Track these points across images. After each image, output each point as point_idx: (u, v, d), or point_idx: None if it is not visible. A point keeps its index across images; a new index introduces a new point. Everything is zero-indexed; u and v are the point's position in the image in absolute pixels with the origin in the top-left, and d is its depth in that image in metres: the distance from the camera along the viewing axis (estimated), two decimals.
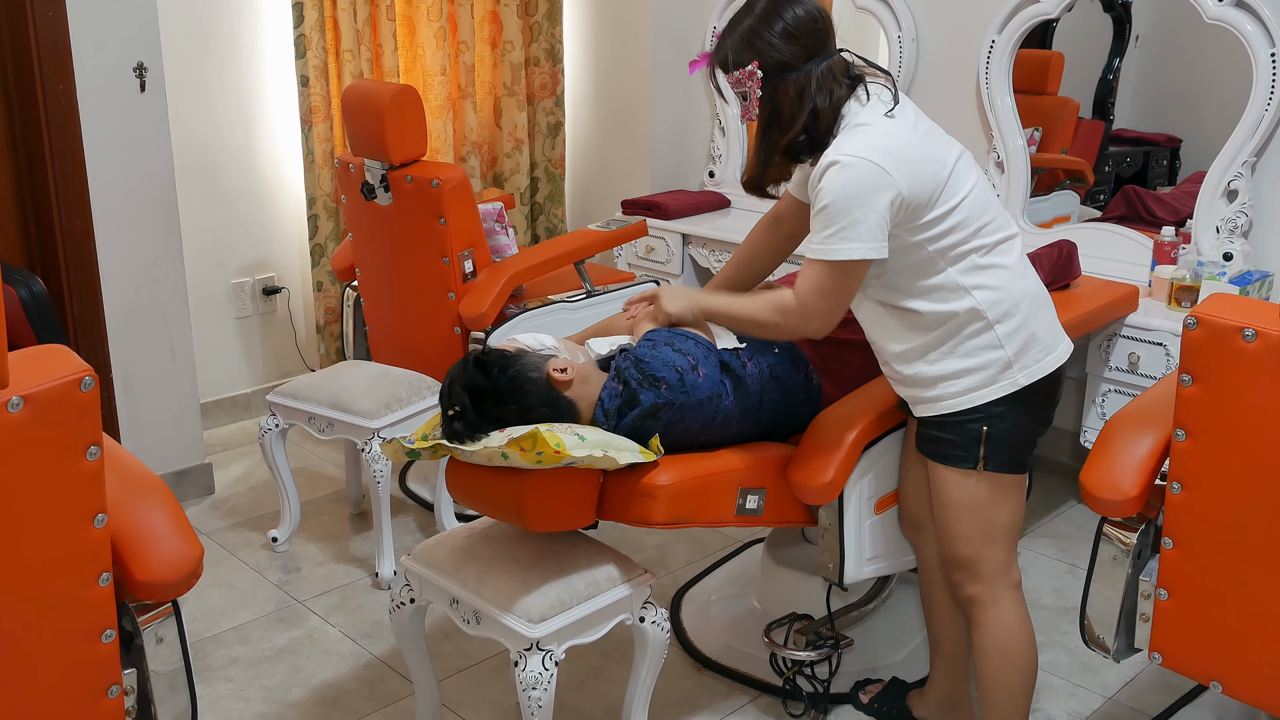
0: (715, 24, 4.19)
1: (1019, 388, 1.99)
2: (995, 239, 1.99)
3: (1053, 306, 2.08)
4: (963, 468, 2.03)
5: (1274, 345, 1.65)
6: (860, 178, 1.86)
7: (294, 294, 4.13)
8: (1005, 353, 1.98)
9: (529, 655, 1.99)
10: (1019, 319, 1.98)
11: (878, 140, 1.89)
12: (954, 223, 1.94)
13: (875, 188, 1.85)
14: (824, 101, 1.92)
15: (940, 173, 1.93)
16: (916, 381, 2.05)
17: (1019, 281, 2.01)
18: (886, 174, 1.86)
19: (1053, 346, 2.03)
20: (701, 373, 2.08)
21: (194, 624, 2.76)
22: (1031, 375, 1.99)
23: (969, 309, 1.97)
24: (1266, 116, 2.99)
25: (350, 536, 3.23)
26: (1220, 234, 3.10)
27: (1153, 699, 2.51)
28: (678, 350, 2.08)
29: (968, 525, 2.06)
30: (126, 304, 3.21)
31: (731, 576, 2.97)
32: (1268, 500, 1.73)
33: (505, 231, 3.39)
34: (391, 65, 4.03)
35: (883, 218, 1.87)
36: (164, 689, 1.64)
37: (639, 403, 2.05)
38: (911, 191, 1.88)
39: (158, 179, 3.21)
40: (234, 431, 3.97)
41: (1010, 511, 2.07)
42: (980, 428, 2.00)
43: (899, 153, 1.89)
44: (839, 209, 1.87)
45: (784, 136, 1.96)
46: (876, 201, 1.86)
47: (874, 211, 1.86)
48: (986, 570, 2.07)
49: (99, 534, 1.49)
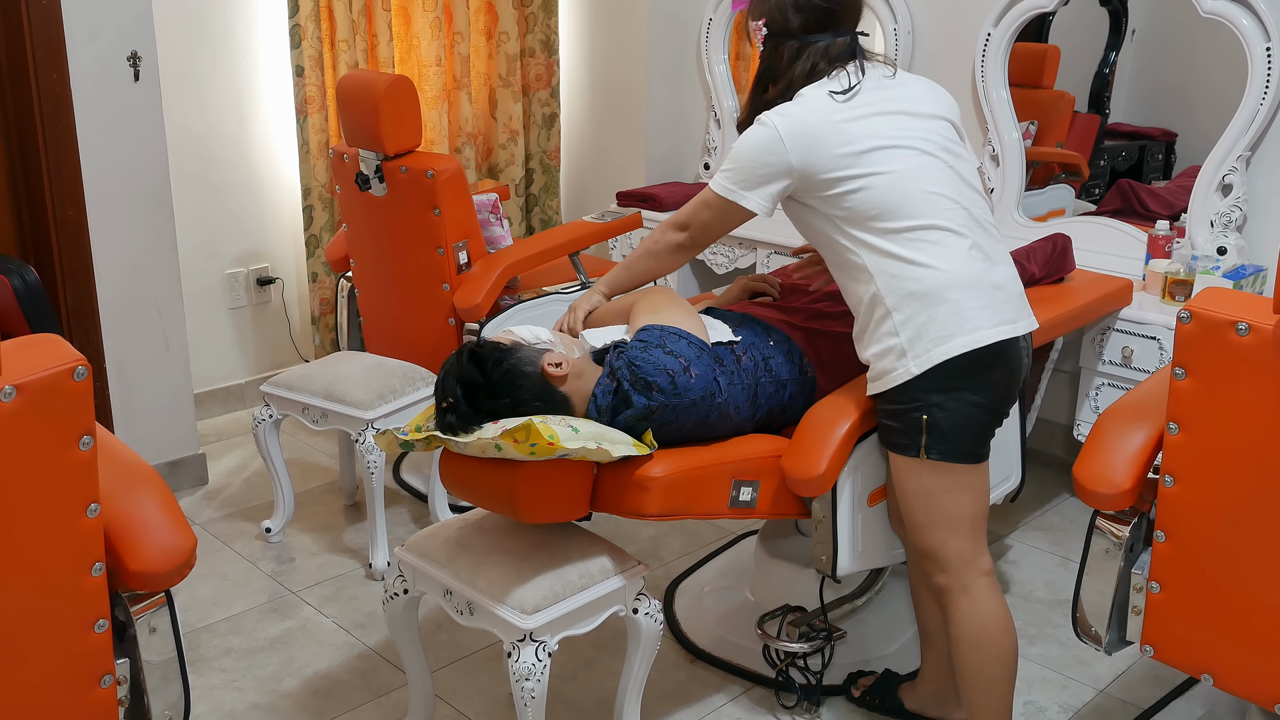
0: (710, 16, 4.18)
1: (910, 376, 2.02)
2: (903, 225, 2.01)
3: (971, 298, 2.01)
4: (907, 455, 2.07)
5: (1267, 339, 1.66)
6: (760, 138, 2.05)
7: (288, 285, 4.13)
8: (899, 340, 2.03)
9: (522, 646, 1.99)
10: (913, 309, 2.01)
11: (794, 111, 2.05)
12: (856, 202, 2.02)
13: (768, 151, 2.04)
14: (802, 70, 2.08)
15: (847, 150, 2.01)
16: (866, 363, 2.14)
17: (917, 273, 2.01)
18: (783, 144, 2.02)
19: (947, 337, 2.00)
20: (694, 374, 2.07)
21: (187, 614, 2.76)
22: (921, 364, 2.01)
23: (872, 295, 2.05)
24: (1261, 111, 2.99)
25: (344, 527, 3.23)
26: (1214, 228, 3.11)
27: (1144, 691, 2.52)
28: (669, 352, 2.07)
29: (924, 513, 2.08)
30: (120, 294, 3.20)
31: (725, 568, 2.98)
32: (1260, 494, 1.73)
33: (500, 223, 3.39)
34: (386, 55, 4.02)
35: (769, 179, 2.05)
36: (157, 679, 1.65)
37: (632, 404, 2.06)
38: (805, 163, 2.02)
39: (152, 169, 3.20)
40: (228, 422, 3.96)
41: (971, 501, 2.08)
42: (920, 416, 2.03)
43: (806, 126, 2.03)
44: (736, 156, 2.09)
45: (766, 93, 2.13)
46: (766, 164, 2.04)
47: (762, 171, 2.05)
48: (951, 559, 2.08)
49: (92, 524, 1.49)
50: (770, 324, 2.34)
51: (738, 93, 4.29)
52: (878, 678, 2.45)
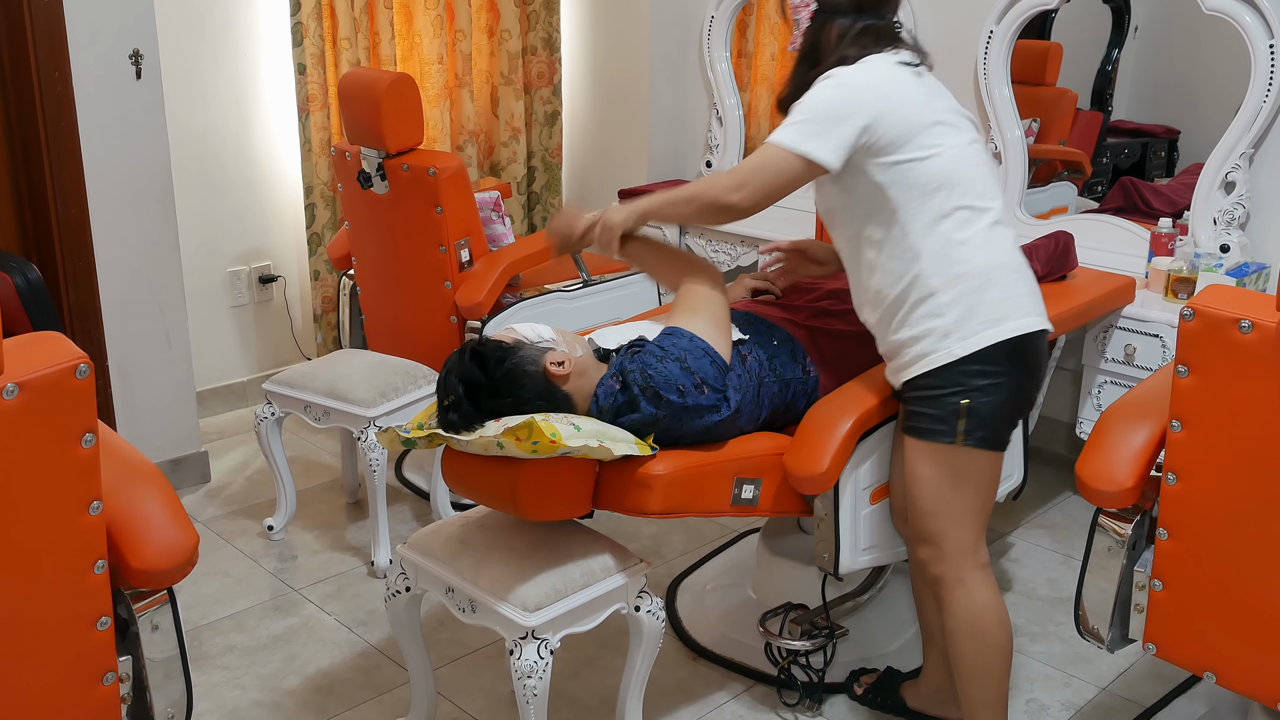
0: (712, 13, 4.18)
1: (955, 357, 2.00)
2: (958, 204, 2.01)
3: (1019, 284, 2.05)
4: (940, 442, 2.04)
5: (1270, 337, 1.65)
6: (836, 88, 2.00)
7: (290, 282, 4.13)
8: (944, 321, 2.01)
9: (524, 644, 1.99)
10: (961, 289, 2.00)
11: (868, 68, 2.02)
12: (920, 171, 2.00)
13: (846, 100, 1.98)
14: (854, 52, 2.04)
15: (919, 119, 2.00)
16: (888, 352, 2.11)
17: (969, 255, 2.01)
18: (861, 94, 1.98)
19: (998, 320, 2.01)
20: (706, 391, 2.07)
21: (189, 612, 2.77)
22: (969, 346, 2.00)
23: (914, 275, 2.01)
24: (1265, 108, 2.98)
25: (346, 525, 3.23)
26: (1217, 226, 3.10)
27: (1147, 689, 2.52)
28: (687, 368, 2.05)
29: (936, 502, 2.07)
30: (122, 292, 3.20)
31: (727, 566, 2.98)
32: (1263, 492, 1.73)
33: (502, 220, 3.39)
34: (388, 53, 4.02)
35: (844, 130, 1.97)
36: (159, 676, 1.65)
37: (639, 410, 2.05)
38: (880, 118, 1.97)
39: (153, 167, 3.20)
40: (230, 420, 3.96)
41: (981, 491, 2.08)
42: (959, 401, 2.02)
43: (883, 84, 2.00)
44: (811, 106, 1.99)
45: (814, 70, 2.07)
46: (842, 113, 1.97)
47: (837, 120, 1.97)
48: (950, 549, 2.08)
49: (94, 521, 1.49)
50: (774, 323, 2.34)
51: (739, 90, 4.28)
52: (880, 675, 2.45)
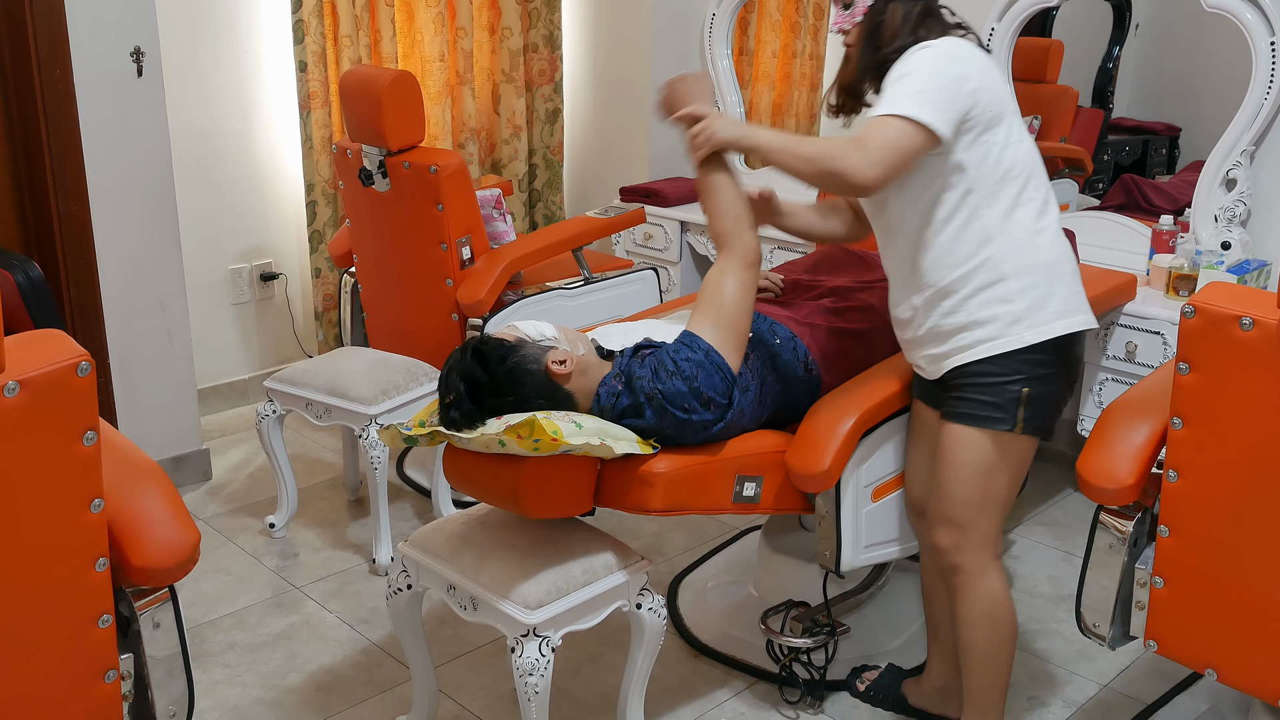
0: (714, 11, 4.17)
1: (1025, 344, 2.00)
2: (1033, 192, 2.03)
3: (1079, 282, 2.09)
4: (998, 429, 2.03)
5: (1271, 334, 1.65)
6: (949, 62, 1.95)
7: (291, 280, 4.13)
8: (1015, 307, 2.00)
9: (526, 641, 1.99)
10: (1034, 278, 2.01)
11: (964, 45, 1.99)
12: (1010, 154, 1.99)
13: (956, 59, 1.95)
14: (928, 34, 2.00)
15: (1008, 103, 2.01)
16: (933, 336, 2.07)
17: (1044, 244, 2.03)
18: (971, 71, 1.95)
19: (1069, 311, 2.04)
20: (712, 408, 2.07)
21: (191, 609, 2.77)
22: (1040, 334, 2.00)
23: (983, 260, 1.99)
24: (1266, 105, 2.98)
25: (347, 523, 3.23)
26: (1218, 223, 3.10)
27: (1148, 686, 2.52)
28: (697, 389, 2.04)
29: (973, 489, 2.07)
30: (124, 289, 3.21)
31: (728, 564, 2.98)
32: (1264, 489, 1.73)
33: (503, 218, 3.39)
34: (390, 51, 4.02)
35: (960, 107, 1.93)
36: (161, 674, 1.65)
37: (643, 416, 2.05)
38: (983, 98, 1.95)
39: (155, 164, 3.20)
40: (231, 417, 3.97)
41: (1015, 481, 2.10)
42: (1020, 389, 2.01)
43: (982, 61, 1.99)
44: (926, 77, 1.93)
45: (880, 52, 2.02)
46: (958, 88, 1.93)
47: (955, 96, 1.92)
48: (976, 538, 2.09)
49: (95, 519, 1.49)
50: (775, 321, 2.34)
51: (740, 87, 4.28)
52: (881, 672, 2.45)
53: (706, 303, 2.14)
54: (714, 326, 2.10)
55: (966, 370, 2.04)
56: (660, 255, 4.14)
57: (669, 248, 4.11)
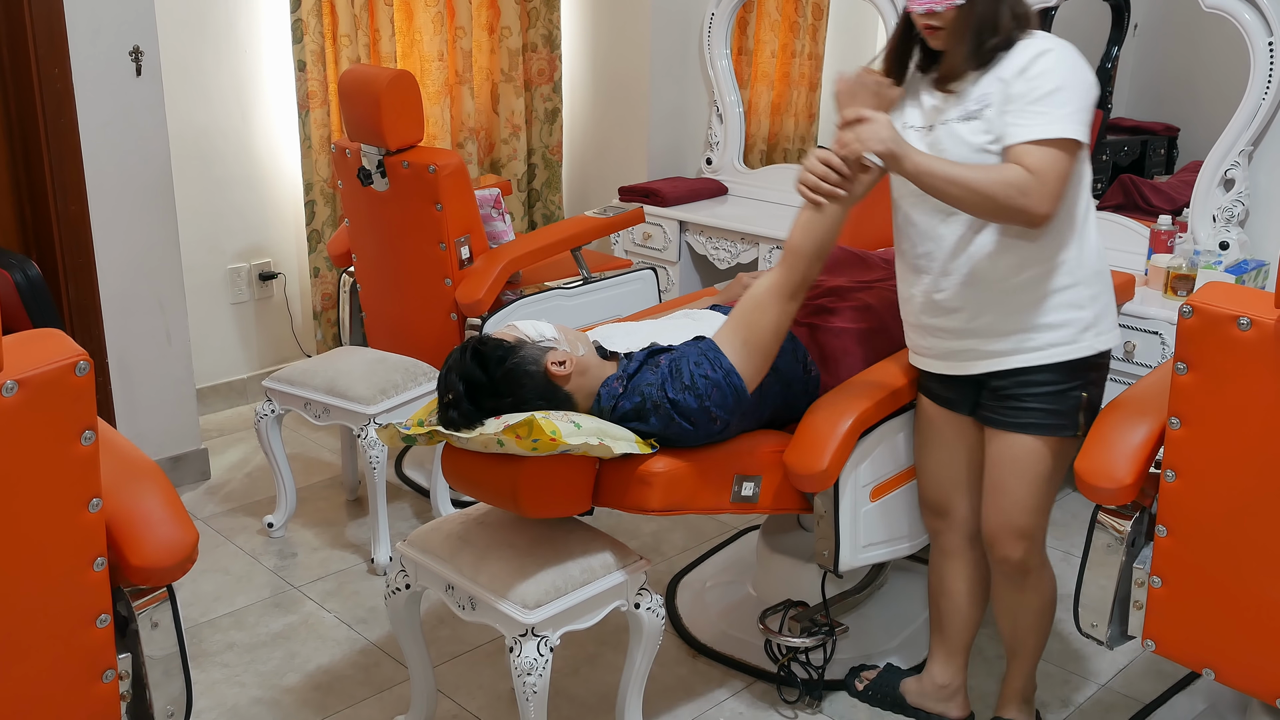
0: (713, 10, 4.17)
1: (1094, 351, 2.03)
2: (1090, 203, 2.04)
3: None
4: (1064, 436, 2.06)
5: (1268, 334, 1.65)
6: (1082, 64, 1.92)
7: (290, 280, 4.13)
8: (1085, 314, 2.02)
9: (524, 641, 1.99)
10: (1101, 285, 2.04)
11: (1070, 45, 1.94)
12: (1084, 163, 2.00)
13: (1087, 70, 1.93)
14: (1028, 23, 1.97)
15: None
16: (990, 331, 2.03)
17: (1100, 252, 2.06)
18: (1091, 78, 1.93)
19: (1116, 320, 2.11)
20: (717, 423, 2.08)
21: (189, 609, 2.77)
22: (1106, 342, 2.04)
23: (1063, 262, 1.99)
24: (1264, 105, 2.98)
25: (346, 522, 3.23)
26: (1217, 223, 3.10)
27: (1146, 686, 2.52)
28: (705, 408, 2.04)
29: (1040, 496, 2.10)
30: (122, 289, 3.20)
31: (727, 563, 2.98)
32: (1261, 488, 1.73)
33: (502, 218, 3.39)
34: (389, 50, 4.02)
35: (1091, 109, 1.92)
36: (159, 674, 1.65)
37: (645, 421, 2.06)
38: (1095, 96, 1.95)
39: (154, 164, 3.20)
40: (230, 417, 3.97)
41: (1061, 479, 2.14)
42: (1080, 395, 2.04)
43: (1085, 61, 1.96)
44: (1075, 88, 1.90)
45: (990, 42, 1.95)
46: (1091, 87, 1.93)
47: (1091, 101, 1.92)
48: (1039, 536, 2.15)
49: (93, 519, 1.49)
50: None
51: (740, 87, 4.28)
52: (880, 672, 2.45)
53: (743, 319, 2.10)
54: (743, 346, 2.07)
55: (1027, 377, 2.03)
56: (659, 255, 4.14)
57: (668, 247, 4.11)
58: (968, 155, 1.96)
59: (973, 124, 1.96)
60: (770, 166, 4.32)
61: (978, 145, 1.96)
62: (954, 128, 1.99)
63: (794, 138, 4.40)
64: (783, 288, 2.07)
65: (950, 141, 1.99)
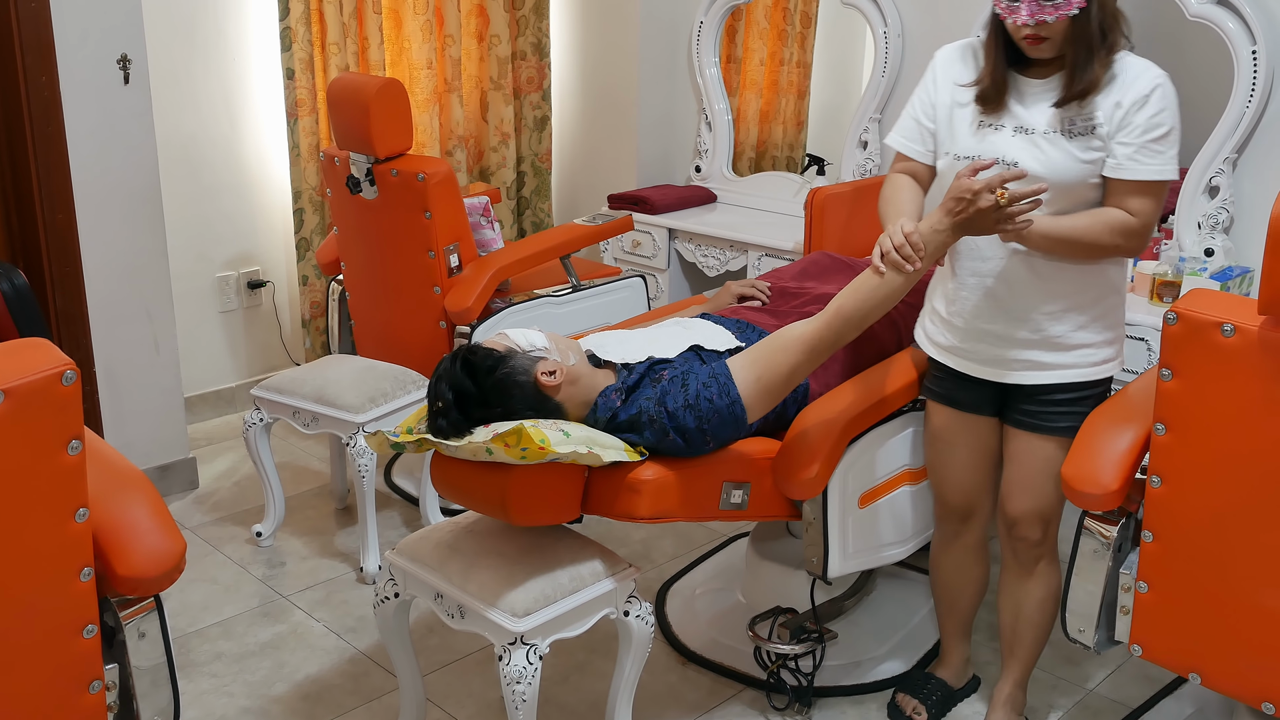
0: (701, 18, 4.19)
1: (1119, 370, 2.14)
2: None
3: None
4: None
5: (1252, 340, 1.67)
6: (1176, 108, 2.00)
7: (279, 288, 4.12)
8: (1121, 331, 2.14)
9: (513, 649, 1.99)
10: (1124, 305, 2.17)
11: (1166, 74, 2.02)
12: None
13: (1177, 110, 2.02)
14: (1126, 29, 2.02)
15: None
16: (1048, 344, 2.10)
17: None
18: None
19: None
20: (710, 444, 2.10)
21: (177, 619, 2.76)
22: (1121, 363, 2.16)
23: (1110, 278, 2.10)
24: (1248, 113, 3.00)
25: (335, 531, 3.22)
26: (1202, 230, 3.12)
27: (1133, 691, 2.53)
28: (703, 430, 2.06)
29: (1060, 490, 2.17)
30: (109, 297, 3.20)
31: (716, 570, 2.98)
32: (1246, 494, 1.74)
33: (491, 226, 3.39)
34: (377, 58, 4.02)
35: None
36: (146, 684, 1.64)
37: (640, 433, 2.06)
38: None
39: (141, 172, 3.19)
40: (218, 426, 3.96)
41: None
42: (1103, 397, 2.15)
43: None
44: (1176, 129, 2.00)
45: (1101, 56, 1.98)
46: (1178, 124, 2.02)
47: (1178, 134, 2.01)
48: (1058, 521, 2.24)
49: (80, 528, 1.48)
50: (764, 329, 2.34)
51: (728, 95, 4.29)
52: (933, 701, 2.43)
53: (765, 357, 2.10)
54: (756, 382, 2.08)
55: (1075, 386, 2.11)
56: (648, 263, 4.14)
57: (657, 255, 4.12)
58: (1070, 165, 2.00)
59: (1081, 140, 2.00)
60: (759, 174, 4.33)
61: (1083, 159, 2.00)
62: (1059, 140, 2.01)
63: (782, 145, 4.41)
64: (814, 342, 2.06)
65: (1055, 152, 2.02)
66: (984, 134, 2.07)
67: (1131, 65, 2.00)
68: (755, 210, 4.14)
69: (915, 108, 2.18)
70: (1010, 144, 2.03)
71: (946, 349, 2.22)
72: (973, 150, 2.07)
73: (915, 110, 2.17)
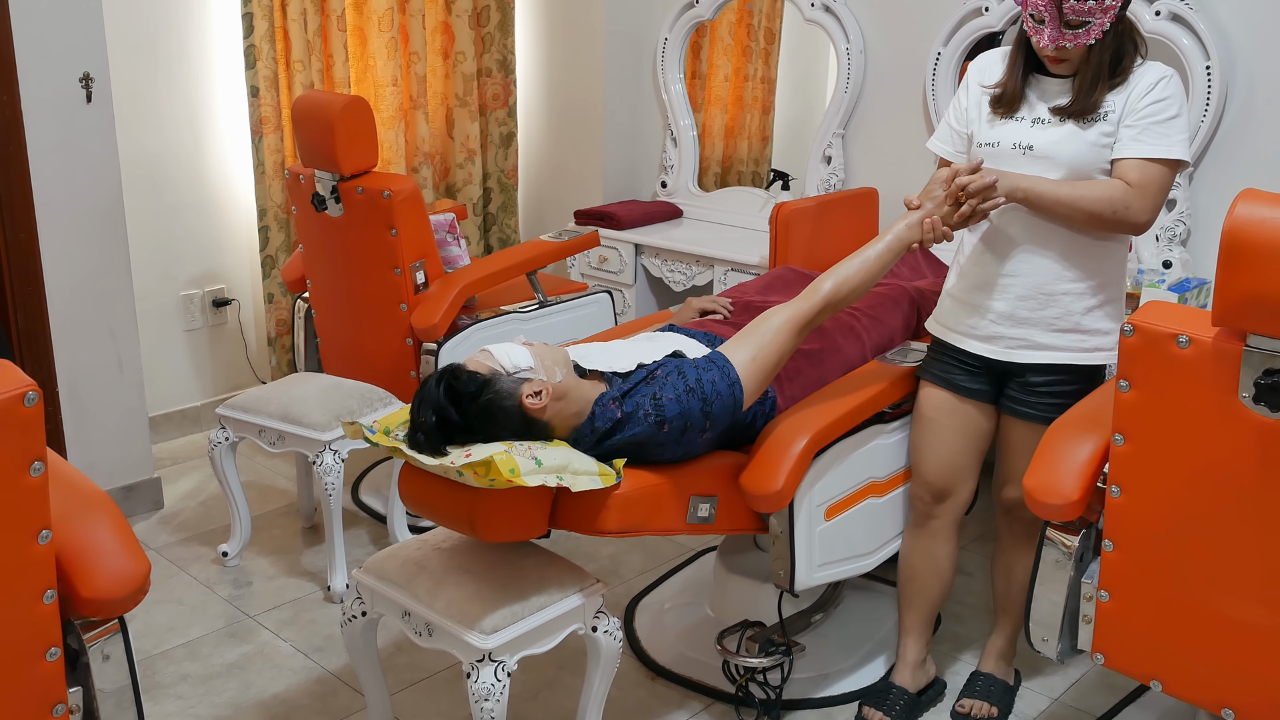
0: (666, 35, 4.21)
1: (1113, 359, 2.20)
2: None
3: None
4: None
5: (1207, 351, 1.70)
6: (1182, 96, 2.13)
7: (244, 306, 4.10)
8: (1118, 324, 2.20)
9: (481, 667, 1.99)
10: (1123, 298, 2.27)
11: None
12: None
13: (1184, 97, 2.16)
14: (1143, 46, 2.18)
15: None
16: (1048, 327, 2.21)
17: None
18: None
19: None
20: (705, 436, 2.13)
21: (142, 641, 2.73)
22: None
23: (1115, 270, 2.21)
24: (1203, 128, 3.06)
25: (302, 550, 3.20)
26: (1160, 243, 3.17)
27: (1097, 699, 2.56)
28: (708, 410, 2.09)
29: None
30: (72, 316, 3.17)
31: (685, 585, 2.99)
32: (1203, 503, 1.77)
33: (457, 242, 3.39)
34: (342, 76, 4.02)
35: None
36: (111, 707, 1.63)
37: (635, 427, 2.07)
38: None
39: (104, 190, 3.17)
40: (183, 445, 3.92)
41: None
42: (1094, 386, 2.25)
43: None
44: (1182, 114, 2.12)
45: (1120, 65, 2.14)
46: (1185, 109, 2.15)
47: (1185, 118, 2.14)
48: None
49: (43, 550, 1.47)
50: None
51: (693, 111, 4.32)
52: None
53: (755, 338, 2.20)
54: (751, 362, 2.17)
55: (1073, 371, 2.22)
56: (615, 278, 4.16)
57: (624, 270, 4.13)
58: (1082, 150, 2.14)
59: (1095, 126, 2.14)
60: (725, 189, 4.36)
61: (1096, 144, 2.14)
62: (1074, 129, 2.15)
63: (748, 160, 4.44)
64: (798, 321, 2.20)
65: (1069, 137, 2.15)
66: (1005, 122, 2.23)
67: (1142, 66, 2.16)
68: (721, 225, 4.17)
69: (950, 115, 2.36)
70: (1028, 132, 2.19)
71: (952, 328, 2.32)
72: (992, 138, 2.23)
73: (949, 117, 2.36)
